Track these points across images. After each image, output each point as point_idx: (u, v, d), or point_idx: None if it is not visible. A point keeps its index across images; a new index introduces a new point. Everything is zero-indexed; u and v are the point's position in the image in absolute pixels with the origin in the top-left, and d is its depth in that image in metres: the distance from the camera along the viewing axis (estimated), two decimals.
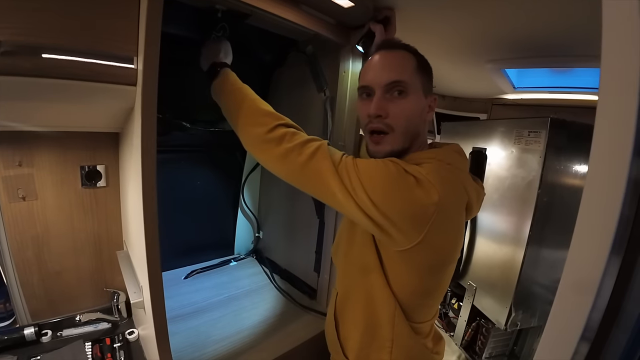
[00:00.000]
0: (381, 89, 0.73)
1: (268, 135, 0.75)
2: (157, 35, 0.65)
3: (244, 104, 0.81)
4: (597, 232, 0.40)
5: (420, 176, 0.64)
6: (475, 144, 1.58)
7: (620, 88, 0.38)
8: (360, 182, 0.65)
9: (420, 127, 0.78)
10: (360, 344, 0.82)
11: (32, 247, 1.00)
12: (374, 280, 0.77)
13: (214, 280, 1.49)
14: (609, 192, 0.39)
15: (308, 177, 0.71)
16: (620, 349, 0.42)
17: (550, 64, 1.36)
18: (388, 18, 1.01)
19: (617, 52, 0.39)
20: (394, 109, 0.73)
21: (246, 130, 0.79)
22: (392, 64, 0.74)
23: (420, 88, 0.74)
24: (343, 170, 0.67)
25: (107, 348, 1.00)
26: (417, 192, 0.63)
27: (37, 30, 0.58)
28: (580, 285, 0.42)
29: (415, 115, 0.75)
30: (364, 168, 0.67)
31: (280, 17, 0.90)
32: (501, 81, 1.64)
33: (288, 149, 0.72)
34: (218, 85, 0.87)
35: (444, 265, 0.77)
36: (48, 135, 0.96)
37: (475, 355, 1.59)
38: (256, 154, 0.79)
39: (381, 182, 0.65)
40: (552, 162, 1.27)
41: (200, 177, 1.57)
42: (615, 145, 0.39)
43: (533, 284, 1.37)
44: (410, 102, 0.73)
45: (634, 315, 0.41)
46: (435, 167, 0.69)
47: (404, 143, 0.75)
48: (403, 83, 0.72)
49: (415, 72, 0.74)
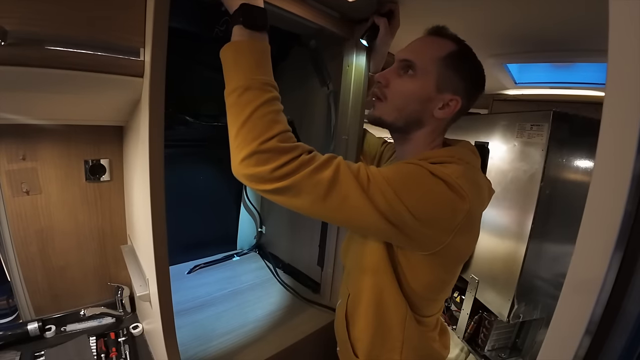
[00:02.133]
0: (396, 63, 0.76)
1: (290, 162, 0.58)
2: (165, 27, 0.65)
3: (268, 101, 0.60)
4: (602, 227, 0.40)
5: (450, 180, 0.62)
6: (477, 138, 1.58)
7: (628, 84, 0.38)
8: (397, 196, 0.59)
9: (422, 116, 0.75)
10: (371, 345, 0.83)
11: (35, 242, 1.00)
12: (386, 284, 0.77)
13: (217, 275, 1.50)
14: (615, 188, 0.39)
15: (331, 208, 0.61)
16: (622, 342, 0.42)
17: (552, 58, 1.36)
18: (392, 11, 1.00)
19: (624, 47, 0.39)
20: (394, 81, 0.75)
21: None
22: (417, 46, 0.76)
23: (434, 78, 0.72)
24: (375, 190, 0.60)
25: (112, 342, 1.00)
26: (450, 198, 0.61)
27: (43, 21, 0.58)
28: (585, 279, 0.43)
29: (414, 98, 0.73)
30: (395, 178, 0.61)
31: (285, 10, 0.90)
32: (503, 76, 1.64)
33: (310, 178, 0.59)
34: (255, 46, 0.62)
35: (461, 262, 0.78)
36: (52, 129, 0.96)
37: (478, 348, 1.60)
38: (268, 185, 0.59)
39: (417, 189, 0.61)
40: (554, 155, 1.27)
41: (203, 172, 1.56)
42: (621, 141, 0.39)
43: (535, 277, 1.37)
44: (413, 83, 0.73)
45: (635, 310, 0.41)
46: (462, 169, 0.66)
47: (396, 119, 0.76)
48: (412, 63, 0.73)
49: (437, 61, 0.72)
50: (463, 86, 0.73)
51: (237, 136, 0.58)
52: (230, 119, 0.60)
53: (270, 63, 0.64)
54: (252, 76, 0.59)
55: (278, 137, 0.57)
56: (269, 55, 0.64)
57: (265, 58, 0.63)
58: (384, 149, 1.10)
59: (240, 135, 0.57)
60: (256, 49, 0.62)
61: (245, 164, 0.57)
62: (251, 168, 0.57)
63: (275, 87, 0.62)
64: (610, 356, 0.43)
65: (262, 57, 0.62)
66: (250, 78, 0.59)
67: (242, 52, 0.61)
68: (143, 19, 0.66)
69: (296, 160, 0.58)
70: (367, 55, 1.10)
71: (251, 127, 0.57)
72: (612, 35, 0.39)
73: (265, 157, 0.56)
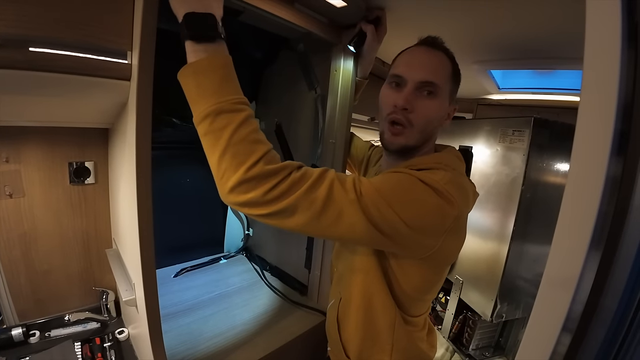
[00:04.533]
0: (414, 84, 0.72)
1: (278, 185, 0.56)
2: (153, 29, 0.65)
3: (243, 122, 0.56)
4: (577, 227, 0.42)
5: (439, 187, 0.63)
6: (461, 142, 1.62)
7: (601, 90, 0.40)
8: (389, 207, 0.60)
9: (436, 131, 0.79)
10: (361, 347, 0.85)
11: (19, 246, 0.98)
12: (376, 288, 0.79)
13: (204, 278, 1.49)
14: (588, 189, 0.41)
15: (326, 225, 0.60)
16: (601, 338, 0.44)
17: (534, 65, 1.41)
18: (379, 18, 1.03)
19: (598, 55, 0.41)
20: (419, 106, 0.73)
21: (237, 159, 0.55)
22: (431, 64, 0.74)
23: (447, 95, 0.75)
24: (368, 203, 0.59)
25: (97, 348, 0.99)
26: (439, 204, 0.63)
27: (29, 22, 0.58)
28: (561, 278, 0.44)
29: (436, 118, 0.75)
30: (386, 189, 0.62)
31: (273, 14, 0.91)
32: (487, 82, 1.68)
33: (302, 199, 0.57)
34: (214, 63, 0.56)
35: (449, 263, 0.81)
36: (36, 131, 0.94)
37: (463, 347, 1.64)
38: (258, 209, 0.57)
39: (408, 198, 0.62)
40: (535, 159, 1.31)
41: (190, 174, 1.55)
42: (595, 144, 0.40)
43: (517, 277, 1.41)
44: (436, 104, 0.74)
45: (613, 306, 0.43)
46: (449, 175, 0.68)
47: (418, 141, 0.76)
48: (435, 86, 0.72)
49: (448, 78, 0.75)
50: (457, 91, 0.79)
51: (219, 165, 0.55)
52: (207, 147, 0.56)
53: (235, 75, 0.58)
54: (219, 98, 0.54)
55: (263, 159, 0.55)
56: (231, 67, 0.58)
57: (229, 72, 0.57)
58: (371, 152, 1.11)
59: (223, 164, 0.54)
60: (216, 65, 0.56)
61: (236, 192, 0.54)
62: (242, 196, 0.55)
63: (246, 102, 0.58)
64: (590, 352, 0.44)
65: (225, 72, 0.57)
66: (219, 101, 0.54)
67: (203, 73, 0.55)
68: (131, 22, 0.66)
69: (287, 180, 0.56)
70: (355, 61, 1.11)
71: (233, 154, 0.54)
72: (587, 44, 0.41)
73: (254, 183, 0.54)
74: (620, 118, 0.38)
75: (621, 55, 0.38)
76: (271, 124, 1.47)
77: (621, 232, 0.41)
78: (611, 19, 0.39)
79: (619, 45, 0.38)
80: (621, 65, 0.38)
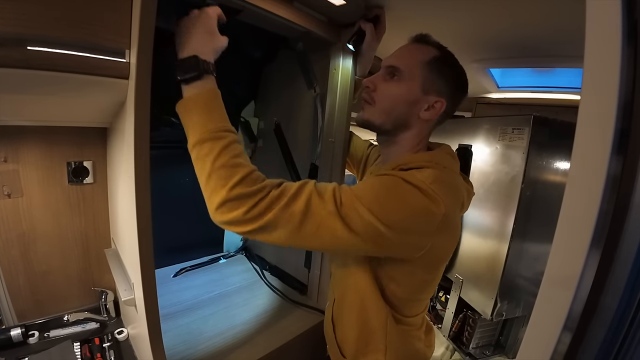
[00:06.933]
0: (383, 69, 0.80)
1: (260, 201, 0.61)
2: (151, 27, 0.64)
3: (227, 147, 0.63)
4: (578, 225, 0.42)
5: (424, 186, 0.64)
6: (461, 141, 1.61)
7: (601, 88, 0.40)
8: (371, 213, 0.61)
9: (409, 118, 0.78)
10: (355, 346, 0.85)
11: (17, 246, 0.98)
12: (367, 290, 0.79)
13: (204, 278, 1.48)
14: (589, 187, 0.41)
15: (307, 236, 0.62)
16: (602, 337, 0.44)
17: (533, 64, 1.41)
18: (378, 17, 1.03)
19: (598, 53, 0.41)
20: (381, 86, 0.79)
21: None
22: (401, 52, 0.80)
23: (419, 82, 0.75)
24: (348, 212, 0.61)
25: (97, 348, 0.98)
26: (425, 205, 0.63)
27: (26, 21, 0.57)
28: (562, 277, 0.44)
29: (400, 101, 0.76)
30: (367, 195, 0.63)
31: (272, 13, 0.90)
32: (486, 80, 1.68)
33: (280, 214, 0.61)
34: (198, 99, 0.64)
35: (442, 263, 0.80)
36: (34, 130, 0.94)
37: (463, 346, 1.64)
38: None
39: (390, 201, 0.63)
40: (534, 157, 1.31)
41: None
42: (596, 143, 0.40)
43: (517, 275, 1.41)
44: (398, 86, 0.76)
45: (613, 304, 0.43)
46: (436, 174, 0.68)
47: (383, 121, 0.79)
48: (397, 69, 0.76)
49: (421, 65, 0.75)
50: (446, 89, 0.76)
51: (206, 188, 0.62)
52: (197, 172, 0.64)
53: (219, 105, 0.65)
54: (204, 129, 0.62)
55: (242, 181, 0.60)
56: (216, 99, 0.65)
57: (212, 104, 0.65)
58: (370, 151, 1.12)
59: (209, 186, 0.61)
60: (201, 101, 0.64)
61: (220, 212, 0.60)
62: (225, 215, 0.60)
63: (229, 129, 0.64)
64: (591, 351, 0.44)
65: (209, 104, 0.64)
66: (203, 131, 0.62)
67: (190, 109, 0.64)
68: (129, 20, 0.66)
69: (266, 199, 0.60)
70: (354, 59, 1.11)
71: (216, 178, 0.60)
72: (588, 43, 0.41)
73: (236, 203, 0.59)
74: (620, 116, 0.38)
75: (621, 53, 0.38)
76: (270, 123, 1.47)
77: (621, 231, 0.41)
78: (611, 16, 0.39)
79: (619, 43, 0.38)
80: (621, 63, 0.38)
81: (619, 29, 0.39)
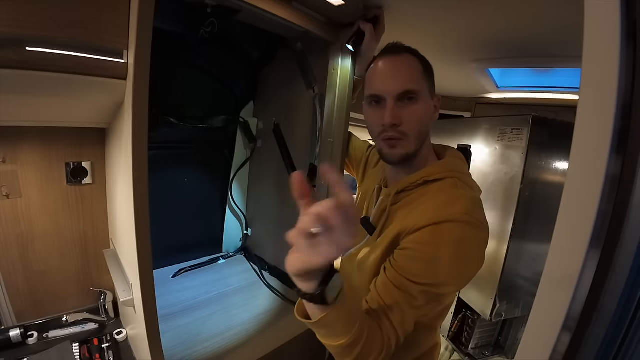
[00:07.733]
0: (393, 98, 0.72)
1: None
2: (149, 28, 0.64)
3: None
4: (577, 225, 0.42)
5: (472, 220, 0.65)
6: (460, 141, 1.61)
7: (600, 88, 0.40)
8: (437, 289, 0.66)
9: (430, 127, 0.79)
10: None
11: (16, 246, 0.98)
12: None
13: (203, 279, 1.48)
14: (588, 187, 0.40)
15: None
16: (601, 337, 0.44)
17: (532, 64, 1.41)
18: (377, 17, 1.02)
19: (597, 52, 0.41)
20: (407, 116, 0.73)
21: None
22: (401, 72, 0.74)
23: (427, 91, 0.75)
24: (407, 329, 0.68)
25: (95, 349, 0.98)
26: (483, 238, 0.68)
27: (24, 22, 0.57)
28: (561, 277, 0.44)
29: (426, 119, 0.76)
30: (446, 274, 0.65)
31: (270, 13, 0.90)
32: (485, 80, 1.68)
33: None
34: (331, 317, 0.59)
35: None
36: (32, 131, 0.94)
37: (462, 346, 1.64)
38: None
39: (464, 266, 0.67)
40: (533, 158, 1.31)
41: (188, 174, 1.54)
42: (595, 142, 0.40)
43: (516, 276, 1.41)
44: (421, 106, 0.73)
45: (612, 304, 0.43)
46: (468, 201, 0.68)
47: (417, 146, 0.76)
48: (414, 92, 0.72)
49: (421, 77, 0.75)
50: (434, 83, 0.79)
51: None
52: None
53: (342, 314, 0.60)
54: (333, 342, 0.66)
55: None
56: (337, 313, 0.60)
57: (335, 321, 0.61)
58: (370, 153, 1.11)
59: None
60: (327, 322, 0.61)
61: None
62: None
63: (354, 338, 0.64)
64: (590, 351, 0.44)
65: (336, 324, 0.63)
66: (332, 344, 0.67)
67: (322, 327, 0.65)
68: (127, 20, 0.66)
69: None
70: (353, 60, 1.11)
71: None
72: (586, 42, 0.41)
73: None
74: (619, 116, 0.38)
75: (620, 52, 0.38)
76: (269, 124, 1.47)
77: (621, 231, 0.40)
78: (610, 16, 0.39)
79: (617, 43, 0.38)
80: (620, 62, 0.38)
81: (617, 28, 0.38)
